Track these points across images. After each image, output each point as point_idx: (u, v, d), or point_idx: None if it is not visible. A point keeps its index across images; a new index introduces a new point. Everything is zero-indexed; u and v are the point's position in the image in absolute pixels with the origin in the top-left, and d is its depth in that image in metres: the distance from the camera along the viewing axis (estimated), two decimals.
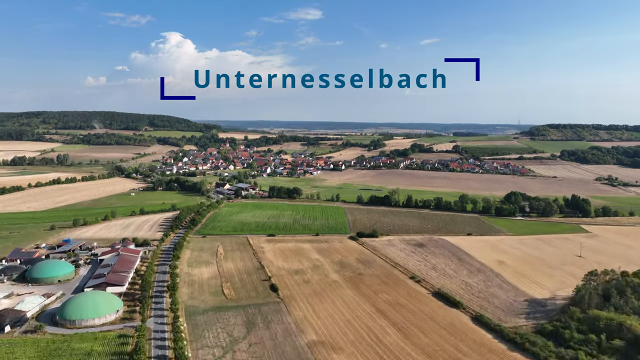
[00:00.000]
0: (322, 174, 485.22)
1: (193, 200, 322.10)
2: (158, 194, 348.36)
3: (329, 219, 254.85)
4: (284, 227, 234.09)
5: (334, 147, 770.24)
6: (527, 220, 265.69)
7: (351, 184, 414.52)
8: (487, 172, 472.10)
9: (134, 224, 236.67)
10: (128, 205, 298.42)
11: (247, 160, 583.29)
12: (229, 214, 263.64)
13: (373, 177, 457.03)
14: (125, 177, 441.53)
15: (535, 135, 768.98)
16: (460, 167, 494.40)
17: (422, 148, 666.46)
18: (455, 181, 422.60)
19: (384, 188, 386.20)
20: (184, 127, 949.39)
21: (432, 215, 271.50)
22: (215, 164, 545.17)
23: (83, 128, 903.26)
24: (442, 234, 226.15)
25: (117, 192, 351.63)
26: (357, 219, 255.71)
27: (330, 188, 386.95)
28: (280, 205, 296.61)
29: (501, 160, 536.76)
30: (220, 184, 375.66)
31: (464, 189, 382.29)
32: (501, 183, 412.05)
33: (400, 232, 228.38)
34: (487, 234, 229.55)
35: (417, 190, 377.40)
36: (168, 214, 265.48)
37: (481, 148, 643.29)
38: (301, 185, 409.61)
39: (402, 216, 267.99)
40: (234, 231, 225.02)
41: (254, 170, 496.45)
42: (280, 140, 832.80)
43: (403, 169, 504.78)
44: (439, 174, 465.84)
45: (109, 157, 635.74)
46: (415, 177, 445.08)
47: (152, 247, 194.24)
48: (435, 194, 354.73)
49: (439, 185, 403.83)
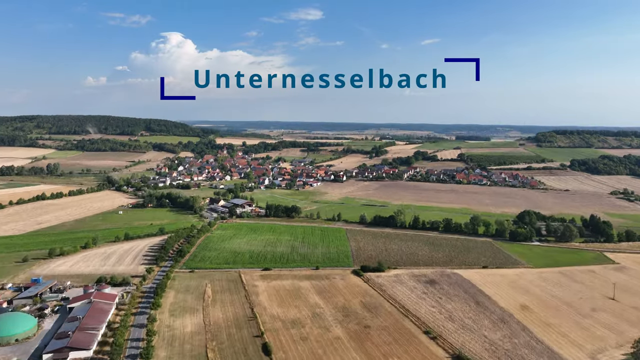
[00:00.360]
0: (323, 185, 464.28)
1: (184, 219, 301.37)
2: (148, 212, 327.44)
3: (330, 245, 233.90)
4: (281, 258, 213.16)
5: (335, 153, 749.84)
6: (545, 247, 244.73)
7: (353, 198, 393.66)
8: (495, 184, 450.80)
9: (116, 254, 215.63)
10: (114, 227, 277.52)
11: (245, 170, 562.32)
12: (221, 240, 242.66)
13: (376, 189, 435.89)
14: (115, 189, 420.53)
15: (541, 141, 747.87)
16: (467, 178, 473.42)
17: (425, 156, 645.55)
18: (463, 195, 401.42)
19: (388, 203, 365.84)
20: (181, 132, 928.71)
21: (441, 240, 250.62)
22: (211, 173, 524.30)
23: (78, 133, 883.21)
24: (455, 267, 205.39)
25: (104, 210, 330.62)
26: (361, 246, 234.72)
27: (331, 203, 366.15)
28: (278, 227, 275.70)
29: (509, 170, 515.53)
30: (214, 200, 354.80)
31: (473, 205, 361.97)
32: (511, 197, 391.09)
33: (408, 264, 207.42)
34: (504, 266, 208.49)
35: (423, 206, 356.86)
36: (155, 239, 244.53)
37: (487, 156, 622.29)
38: (300, 199, 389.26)
39: (409, 241, 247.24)
40: (226, 263, 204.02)
41: (252, 181, 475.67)
42: (280, 147, 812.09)
43: (407, 180, 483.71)
44: (445, 187, 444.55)
45: (102, 164, 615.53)
46: (421, 190, 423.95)
47: (132, 286, 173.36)
48: (443, 211, 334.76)
49: (446, 200, 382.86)
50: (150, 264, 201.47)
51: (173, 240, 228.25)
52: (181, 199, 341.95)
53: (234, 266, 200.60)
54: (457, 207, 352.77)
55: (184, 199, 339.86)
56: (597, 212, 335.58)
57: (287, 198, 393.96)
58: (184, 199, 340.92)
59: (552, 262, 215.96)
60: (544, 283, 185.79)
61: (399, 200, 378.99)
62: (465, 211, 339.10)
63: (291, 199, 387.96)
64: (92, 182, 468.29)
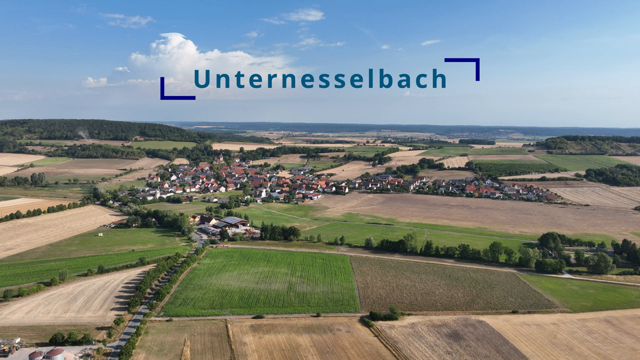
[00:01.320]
0: (324, 198, 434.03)
1: (170, 243, 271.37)
2: (131, 233, 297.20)
3: (332, 281, 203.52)
4: (276, 299, 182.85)
5: (336, 160, 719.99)
6: (578, 280, 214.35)
7: (356, 214, 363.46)
8: (509, 197, 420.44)
9: (84, 295, 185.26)
10: (90, 253, 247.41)
11: (241, 179, 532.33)
12: (208, 273, 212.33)
13: (381, 204, 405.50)
14: (100, 204, 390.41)
15: (551, 147, 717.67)
16: (478, 190, 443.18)
17: (431, 164, 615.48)
18: (476, 211, 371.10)
19: (394, 221, 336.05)
20: (176, 137, 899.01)
21: (459, 272, 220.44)
22: (205, 184, 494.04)
23: (70, 138, 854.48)
24: (480, 310, 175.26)
25: (84, 231, 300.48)
26: (368, 281, 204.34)
27: (333, 221, 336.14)
28: (274, 255, 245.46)
29: (521, 181, 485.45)
30: (205, 218, 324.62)
31: (488, 223, 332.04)
32: (528, 214, 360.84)
33: (425, 308, 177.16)
34: (537, 310, 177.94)
35: (433, 224, 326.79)
36: (134, 271, 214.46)
37: (496, 165, 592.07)
38: (299, 215, 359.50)
39: (422, 273, 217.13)
40: (211, 307, 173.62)
41: (248, 193, 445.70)
42: (278, 153, 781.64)
43: (414, 192, 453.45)
44: (455, 201, 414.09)
45: (91, 173, 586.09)
46: (429, 205, 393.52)
47: (94, 345, 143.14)
48: (455, 232, 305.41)
49: (458, 217, 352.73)
50: (122, 309, 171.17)
51: (152, 275, 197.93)
52: (168, 217, 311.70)
53: (220, 312, 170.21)
54: (471, 227, 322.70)
55: (171, 218, 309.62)
56: (625, 232, 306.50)
57: (285, 214, 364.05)
58: (171, 218, 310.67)
59: (592, 303, 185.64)
60: (590, 337, 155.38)
61: (406, 218, 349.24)
62: (481, 231, 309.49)
63: (289, 216, 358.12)
64: (77, 195, 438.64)
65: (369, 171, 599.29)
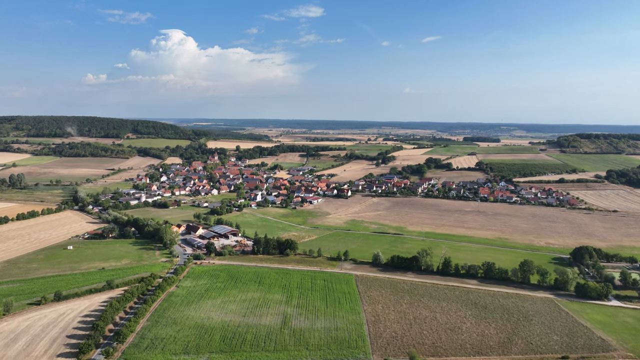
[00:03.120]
0: (324, 203, 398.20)
1: (149, 259, 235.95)
2: (106, 245, 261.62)
3: (336, 313, 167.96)
4: (267, 338, 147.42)
5: (337, 159, 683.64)
6: (631, 310, 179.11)
7: (360, 222, 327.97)
8: (527, 202, 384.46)
9: (28, 334, 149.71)
10: (51, 272, 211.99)
11: (236, 180, 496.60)
12: (187, 301, 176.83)
13: (388, 209, 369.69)
14: (78, 210, 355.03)
15: (564, 146, 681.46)
16: (493, 194, 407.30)
17: (438, 163, 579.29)
18: (493, 218, 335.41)
19: (403, 230, 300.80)
20: (170, 134, 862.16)
21: (486, 297, 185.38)
22: (196, 186, 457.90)
23: (59, 135, 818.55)
24: (520, 356, 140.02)
25: (52, 242, 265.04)
26: (379, 313, 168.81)
27: (335, 230, 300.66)
28: (267, 275, 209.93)
29: (538, 183, 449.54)
30: (191, 227, 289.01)
31: (508, 232, 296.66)
32: (552, 221, 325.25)
33: (451, 351, 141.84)
34: (592, 357, 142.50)
35: (447, 234, 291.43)
36: (98, 298, 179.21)
37: (507, 164, 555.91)
38: (298, 222, 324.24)
39: (443, 300, 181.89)
40: (184, 352, 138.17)
41: (242, 196, 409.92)
42: (276, 151, 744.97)
43: (422, 196, 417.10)
44: (469, 206, 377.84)
45: (77, 174, 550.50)
46: (441, 212, 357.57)
47: None
48: (473, 243, 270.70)
49: (474, 224, 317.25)
50: (72, 354, 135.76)
51: (116, 306, 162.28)
52: (149, 227, 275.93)
53: (195, 358, 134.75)
54: (490, 237, 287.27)
55: (152, 228, 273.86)
56: None
57: (281, 221, 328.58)
58: (152, 227, 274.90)
59: None
60: None
61: (416, 226, 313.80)
62: (502, 243, 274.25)
63: (286, 223, 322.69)
64: (56, 198, 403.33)
65: (372, 171, 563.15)
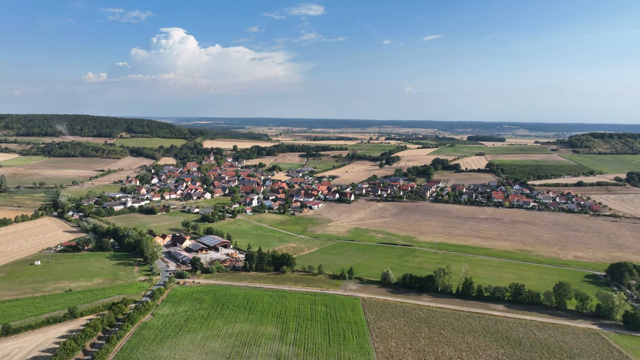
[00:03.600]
0: (326, 208, 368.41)
1: (125, 277, 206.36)
2: (79, 260, 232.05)
3: (340, 354, 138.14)
4: None
5: (338, 160, 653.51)
6: None
7: (365, 230, 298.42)
8: (546, 207, 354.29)
9: None
10: (9, 295, 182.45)
11: (231, 183, 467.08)
12: (161, 336, 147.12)
13: (394, 216, 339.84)
14: (57, 216, 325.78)
15: (576, 146, 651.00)
16: (507, 198, 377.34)
17: (446, 164, 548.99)
18: (511, 227, 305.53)
19: (413, 240, 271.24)
20: (165, 134, 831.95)
21: (518, 329, 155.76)
22: (188, 189, 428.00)
23: (49, 134, 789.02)
24: None
25: (20, 256, 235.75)
26: (394, 351, 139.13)
27: (338, 240, 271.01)
28: (259, 299, 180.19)
29: (555, 187, 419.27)
30: (177, 238, 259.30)
31: (529, 243, 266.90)
32: (576, 230, 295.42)
33: None
34: None
35: (461, 245, 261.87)
36: (55, 331, 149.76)
37: (519, 166, 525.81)
38: (296, 231, 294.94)
39: (467, 333, 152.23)
40: None
41: (236, 201, 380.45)
42: (275, 151, 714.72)
43: (431, 200, 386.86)
44: (483, 212, 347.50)
45: (64, 175, 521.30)
46: (453, 219, 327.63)
47: None
48: (493, 256, 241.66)
49: (490, 234, 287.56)
50: None
51: (70, 347, 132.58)
52: (130, 238, 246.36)
53: None
54: (510, 249, 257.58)
55: (133, 239, 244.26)
56: None
57: (278, 230, 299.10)
58: (133, 238, 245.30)
59: None
60: None
61: (427, 235, 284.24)
62: (524, 256, 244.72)
63: (284, 232, 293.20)
64: (37, 202, 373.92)
65: (376, 173, 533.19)
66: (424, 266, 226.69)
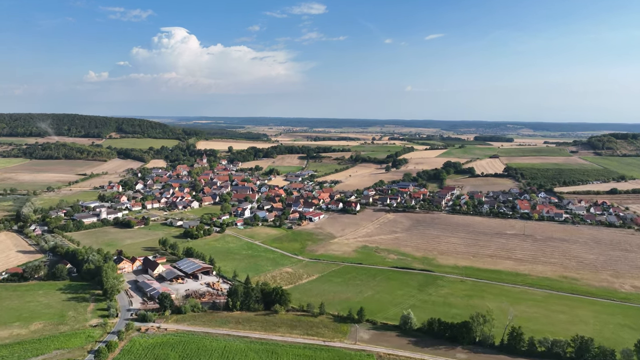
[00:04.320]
0: (328, 220, 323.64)
1: (73, 320, 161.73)
2: (23, 293, 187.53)
3: None
4: None
5: (341, 162, 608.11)
6: None
7: (375, 249, 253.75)
8: (582, 220, 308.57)
9: None
10: None
11: (223, 189, 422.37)
12: None
13: (407, 230, 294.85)
14: (17, 231, 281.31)
15: (597, 148, 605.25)
16: (534, 208, 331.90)
17: (458, 168, 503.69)
18: (545, 245, 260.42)
19: (433, 264, 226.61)
20: (158, 134, 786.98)
21: None
22: (174, 197, 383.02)
23: (34, 134, 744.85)
24: None
25: None
26: None
27: (342, 264, 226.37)
28: (242, 356, 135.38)
29: (586, 195, 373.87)
30: (149, 263, 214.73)
31: (572, 268, 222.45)
32: (624, 250, 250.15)
33: None
34: None
35: (493, 271, 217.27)
36: None
37: (540, 170, 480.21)
38: (294, 250, 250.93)
39: None
40: None
41: (227, 211, 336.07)
42: (273, 153, 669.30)
43: (448, 211, 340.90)
44: (510, 226, 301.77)
45: (42, 179, 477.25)
46: (477, 234, 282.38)
47: None
48: (532, 286, 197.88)
49: (524, 255, 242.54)
50: None
51: None
52: (90, 264, 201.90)
53: None
54: (551, 275, 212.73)
55: (94, 266, 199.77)
56: None
57: (272, 248, 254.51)
58: (94, 264, 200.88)
59: None
60: None
61: (448, 256, 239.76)
62: (571, 286, 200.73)
63: (279, 252, 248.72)
64: (1, 213, 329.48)
65: (382, 177, 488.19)
66: (450, 301, 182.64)
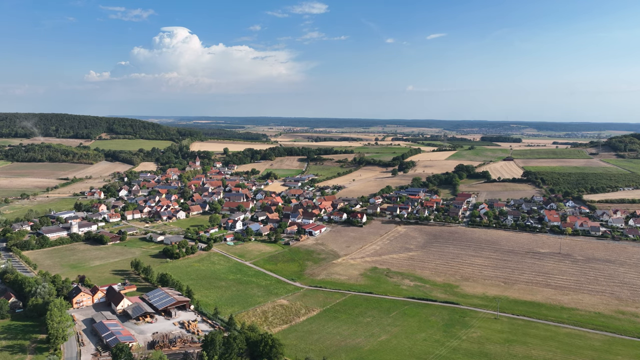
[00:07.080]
0: (330, 233, 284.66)
1: None
2: None
3: None
4: None
5: (343, 165, 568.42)
6: None
7: (386, 272, 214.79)
8: (622, 234, 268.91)
9: None
10: None
11: (215, 196, 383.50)
12: None
13: (423, 248, 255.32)
14: None
15: (619, 150, 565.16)
16: (564, 220, 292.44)
17: (471, 172, 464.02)
18: (588, 267, 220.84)
19: (458, 293, 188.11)
20: (150, 135, 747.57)
21: None
22: (159, 206, 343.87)
23: (20, 135, 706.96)
24: None
25: None
26: None
27: (349, 294, 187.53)
28: None
29: (620, 203, 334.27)
30: (112, 294, 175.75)
31: (628, 299, 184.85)
32: None
33: None
34: None
35: (531, 303, 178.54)
36: None
37: (561, 174, 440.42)
38: (290, 274, 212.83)
39: None
40: None
41: (216, 222, 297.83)
42: (271, 155, 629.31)
43: (467, 223, 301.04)
44: (542, 243, 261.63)
45: (20, 185, 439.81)
46: (504, 253, 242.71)
47: None
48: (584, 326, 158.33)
49: (564, 281, 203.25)
50: None
51: None
52: (37, 298, 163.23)
53: None
54: (603, 310, 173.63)
55: (42, 300, 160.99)
56: None
57: (265, 272, 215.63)
58: (42, 298, 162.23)
59: None
60: None
61: (474, 282, 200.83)
62: (632, 325, 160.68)
63: (273, 276, 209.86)
64: None
65: (389, 182, 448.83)
66: (487, 349, 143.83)
